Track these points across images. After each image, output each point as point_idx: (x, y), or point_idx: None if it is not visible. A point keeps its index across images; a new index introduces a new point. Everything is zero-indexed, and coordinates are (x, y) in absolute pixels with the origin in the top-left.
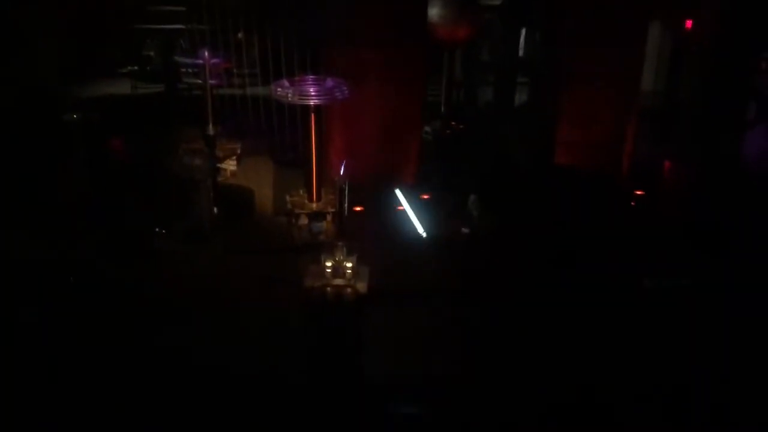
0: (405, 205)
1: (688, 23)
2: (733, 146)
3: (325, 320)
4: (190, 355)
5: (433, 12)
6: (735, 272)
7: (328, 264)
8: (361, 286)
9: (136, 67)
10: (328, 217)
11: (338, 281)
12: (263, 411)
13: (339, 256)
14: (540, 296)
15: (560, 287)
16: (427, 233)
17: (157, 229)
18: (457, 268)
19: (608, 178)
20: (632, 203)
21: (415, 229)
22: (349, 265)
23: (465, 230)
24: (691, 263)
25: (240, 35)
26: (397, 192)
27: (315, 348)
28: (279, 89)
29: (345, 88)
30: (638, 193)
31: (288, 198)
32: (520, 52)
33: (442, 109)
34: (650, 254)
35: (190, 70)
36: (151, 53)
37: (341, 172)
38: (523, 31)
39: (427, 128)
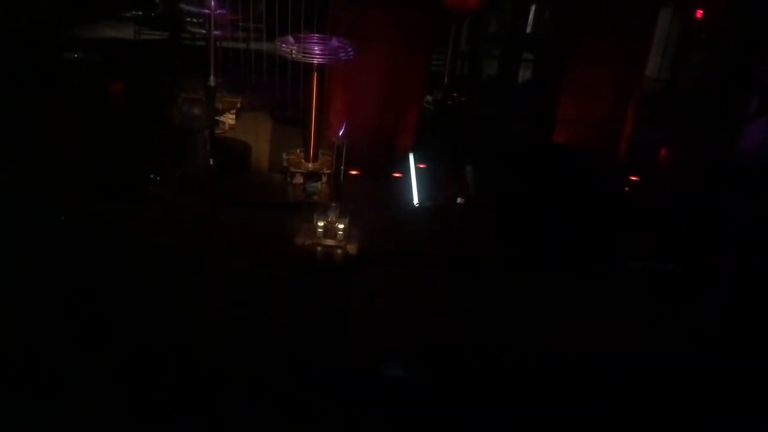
0: (412, 171)
1: (699, 12)
2: (732, 137)
3: (312, 277)
4: (171, 296)
5: None
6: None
7: (320, 224)
8: (352, 248)
9: (140, 12)
10: (324, 178)
11: (329, 241)
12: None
13: (332, 217)
14: (526, 268)
15: (546, 261)
16: (421, 202)
17: (151, 176)
18: (450, 236)
19: (604, 160)
20: (626, 188)
21: (410, 195)
22: (341, 226)
23: (459, 200)
24: (678, 249)
25: None
26: (410, 157)
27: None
28: (283, 45)
29: (350, 49)
30: (633, 178)
31: (285, 156)
32: (528, 28)
33: (445, 79)
34: (638, 237)
35: (194, 20)
36: None
37: (340, 134)
38: (533, 8)
39: (428, 97)
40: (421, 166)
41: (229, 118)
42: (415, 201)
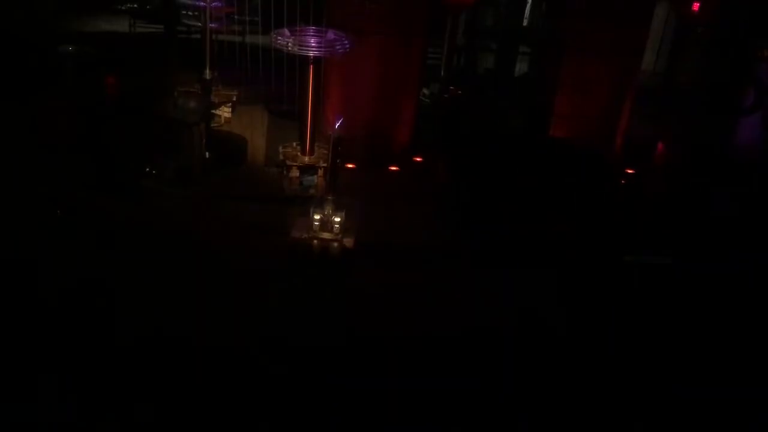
0: None
1: (695, 6)
2: (728, 131)
3: (308, 271)
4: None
5: None
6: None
7: (317, 217)
8: (348, 242)
9: (135, 5)
10: (320, 172)
11: (325, 235)
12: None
13: (328, 211)
14: (520, 263)
15: (541, 255)
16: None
17: (147, 169)
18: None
19: (600, 153)
20: (622, 181)
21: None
22: (338, 219)
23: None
24: (673, 242)
25: None
26: None
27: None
28: (279, 38)
29: (346, 41)
30: (628, 171)
31: (281, 149)
32: (524, 22)
33: (442, 72)
34: (634, 231)
35: (190, 12)
36: None
37: (336, 128)
38: (529, 1)
39: (425, 90)
40: (417, 159)
41: (225, 112)
42: None
